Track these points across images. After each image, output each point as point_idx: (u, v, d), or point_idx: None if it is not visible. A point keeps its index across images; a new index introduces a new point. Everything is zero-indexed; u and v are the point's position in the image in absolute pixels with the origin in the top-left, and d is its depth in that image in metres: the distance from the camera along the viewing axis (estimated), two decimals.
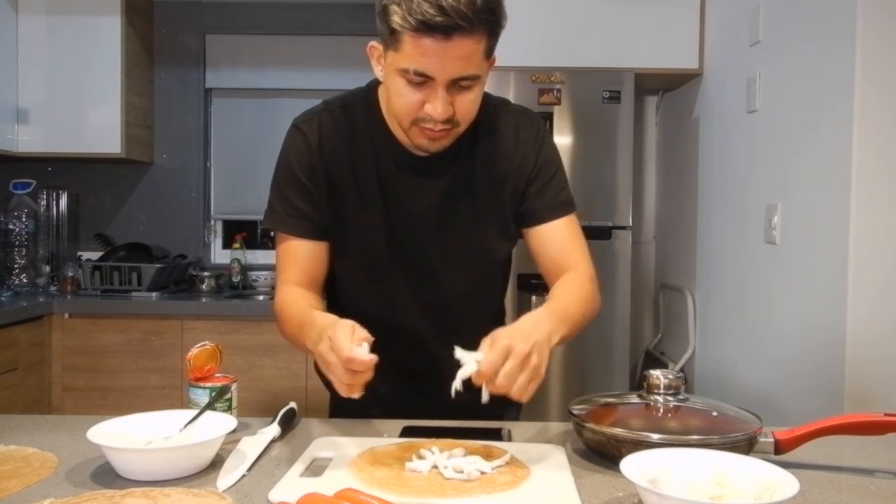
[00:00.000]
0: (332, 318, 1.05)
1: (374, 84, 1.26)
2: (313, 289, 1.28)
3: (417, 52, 1.05)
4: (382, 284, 1.30)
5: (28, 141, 3.06)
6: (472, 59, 1.07)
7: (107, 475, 0.98)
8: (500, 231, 1.30)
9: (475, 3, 1.02)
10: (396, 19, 1.04)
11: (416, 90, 1.09)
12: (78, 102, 3.08)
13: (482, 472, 0.96)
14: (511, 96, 2.59)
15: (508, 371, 0.94)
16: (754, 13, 2.34)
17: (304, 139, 1.25)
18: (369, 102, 1.26)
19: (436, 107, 1.09)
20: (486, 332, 1.34)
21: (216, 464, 1.02)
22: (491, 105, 1.28)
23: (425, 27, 1.02)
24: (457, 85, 1.09)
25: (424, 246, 1.28)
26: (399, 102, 1.13)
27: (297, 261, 1.27)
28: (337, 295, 1.38)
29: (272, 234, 1.43)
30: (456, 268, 1.30)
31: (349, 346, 0.94)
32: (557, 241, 1.28)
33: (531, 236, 1.30)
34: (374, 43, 1.14)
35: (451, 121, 1.12)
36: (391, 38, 1.08)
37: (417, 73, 1.07)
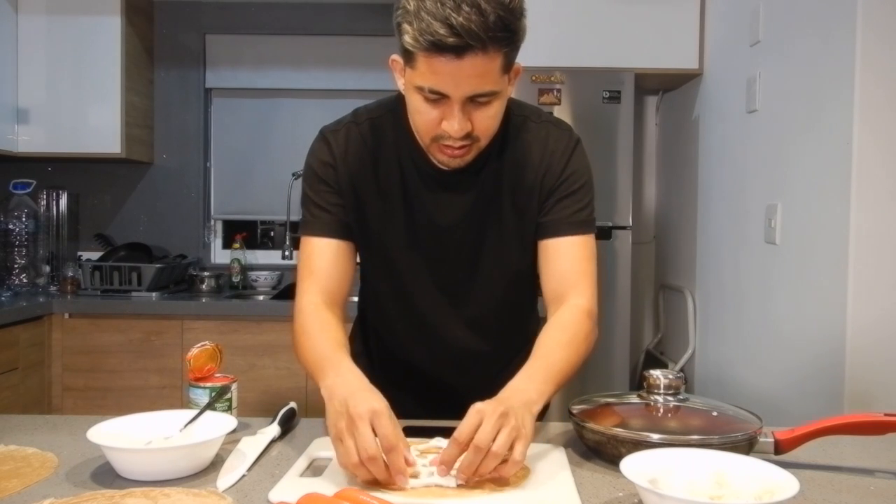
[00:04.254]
0: (362, 382, 1.02)
1: (402, 96, 1.21)
2: (335, 299, 1.23)
3: (430, 71, 1.02)
4: (406, 298, 1.29)
5: (28, 141, 3.06)
6: (488, 76, 1.03)
7: (107, 475, 0.98)
8: (522, 251, 1.26)
9: (488, 22, 0.97)
10: (408, 38, 1.01)
11: (433, 107, 1.07)
12: (78, 102, 3.07)
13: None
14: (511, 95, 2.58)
15: (483, 433, 0.90)
16: (754, 13, 2.34)
17: (330, 149, 1.24)
18: (396, 115, 1.23)
19: (452, 124, 1.07)
20: (510, 344, 1.35)
21: (216, 464, 1.02)
22: (521, 115, 1.25)
23: (436, 48, 0.99)
24: (474, 101, 1.06)
25: (450, 261, 1.26)
26: (418, 120, 1.11)
27: (321, 264, 1.22)
28: (365, 298, 1.38)
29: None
30: (482, 284, 1.27)
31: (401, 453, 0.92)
32: (564, 260, 1.21)
33: (539, 249, 1.24)
34: (395, 56, 1.11)
35: (469, 136, 1.10)
36: (406, 56, 1.06)
37: (432, 92, 1.05)
